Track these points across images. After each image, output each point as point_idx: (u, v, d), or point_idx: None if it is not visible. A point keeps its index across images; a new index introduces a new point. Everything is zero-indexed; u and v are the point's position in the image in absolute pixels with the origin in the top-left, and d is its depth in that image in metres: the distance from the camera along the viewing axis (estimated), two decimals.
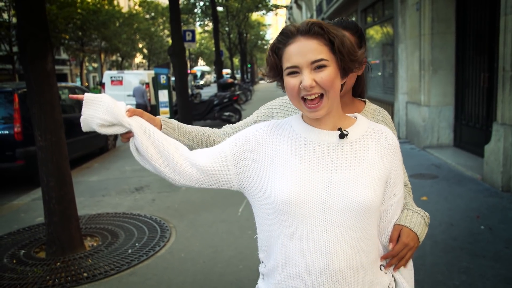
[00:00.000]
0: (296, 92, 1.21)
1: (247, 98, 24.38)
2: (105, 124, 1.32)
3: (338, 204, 1.19)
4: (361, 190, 1.20)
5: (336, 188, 1.20)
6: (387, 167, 1.28)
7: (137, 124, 1.34)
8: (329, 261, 1.18)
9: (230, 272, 3.76)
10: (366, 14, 13.74)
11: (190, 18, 28.63)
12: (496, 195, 5.33)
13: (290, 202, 1.20)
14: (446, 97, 8.06)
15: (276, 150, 1.29)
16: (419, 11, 8.19)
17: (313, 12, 27.78)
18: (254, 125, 1.38)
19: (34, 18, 3.93)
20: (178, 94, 11.42)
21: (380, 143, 1.29)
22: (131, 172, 7.80)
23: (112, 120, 1.31)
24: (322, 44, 1.19)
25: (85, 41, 29.84)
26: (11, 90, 7.21)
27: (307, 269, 1.20)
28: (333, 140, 1.26)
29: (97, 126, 1.32)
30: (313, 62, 1.18)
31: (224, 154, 1.33)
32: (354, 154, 1.25)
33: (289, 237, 1.22)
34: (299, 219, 1.20)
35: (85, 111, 1.33)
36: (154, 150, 1.32)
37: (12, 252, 4.36)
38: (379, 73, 12.53)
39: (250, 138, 1.33)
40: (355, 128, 1.29)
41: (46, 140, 4.05)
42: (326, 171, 1.22)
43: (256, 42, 50.75)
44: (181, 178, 1.33)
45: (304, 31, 1.20)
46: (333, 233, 1.19)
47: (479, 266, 3.59)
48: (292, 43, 1.21)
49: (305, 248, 1.20)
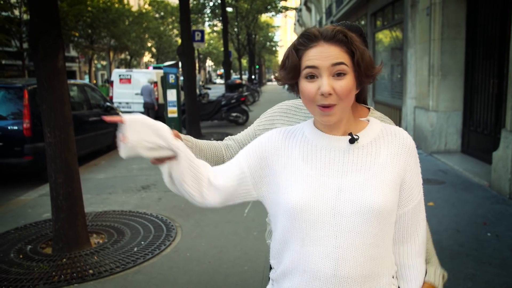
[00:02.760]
0: (312, 97, 1.18)
1: (255, 99, 24.41)
2: (154, 147, 1.21)
3: (348, 209, 1.18)
4: (370, 194, 1.18)
5: (346, 193, 1.19)
6: (401, 168, 1.25)
7: (184, 149, 1.26)
8: (337, 267, 1.17)
9: (235, 273, 3.76)
10: (375, 18, 13.71)
11: (199, 18, 28.71)
12: (503, 202, 5.30)
13: (300, 208, 1.20)
14: (455, 102, 8.02)
15: (288, 156, 1.28)
16: (429, 16, 8.16)
17: (323, 14, 27.77)
18: (267, 133, 1.37)
19: (47, 16, 3.96)
20: (186, 93, 11.47)
21: (393, 144, 1.27)
22: (138, 171, 7.84)
23: (162, 143, 1.21)
24: (343, 52, 1.18)
25: (94, 39, 30.00)
26: (21, 86, 7.27)
27: (315, 275, 1.19)
28: (343, 146, 1.24)
29: (145, 150, 1.20)
30: (333, 65, 1.16)
31: (240, 166, 1.32)
32: (365, 158, 1.24)
33: (300, 242, 1.22)
34: (309, 225, 1.20)
35: (131, 135, 1.18)
36: (190, 174, 1.27)
37: (19, 247, 4.39)
38: (388, 77, 12.50)
39: (263, 146, 1.33)
40: (366, 131, 1.28)
41: (55, 137, 4.08)
42: (336, 177, 1.22)
43: (264, 44, 50.82)
44: (206, 201, 1.31)
45: (328, 37, 1.18)
46: (343, 239, 1.17)
47: (485, 273, 3.57)
48: (314, 47, 1.18)
49: (315, 254, 1.19)
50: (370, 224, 1.18)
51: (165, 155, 1.24)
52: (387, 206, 1.20)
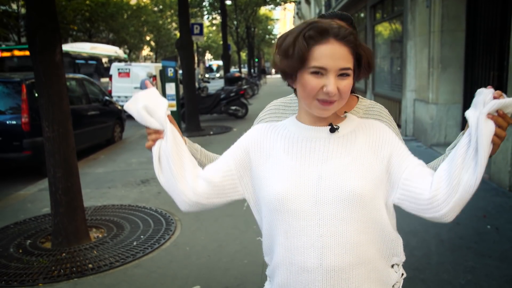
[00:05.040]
0: (314, 92, 1.19)
1: (254, 92, 24.36)
2: (146, 109, 1.28)
3: (329, 196, 1.18)
4: (350, 178, 1.19)
5: (327, 180, 1.20)
6: (383, 156, 1.25)
7: (171, 128, 1.29)
8: (323, 256, 1.17)
9: (234, 266, 3.76)
10: (375, 10, 13.64)
11: (198, 12, 28.60)
12: (503, 195, 5.30)
13: (282, 198, 1.20)
14: (455, 95, 8.00)
15: (270, 148, 1.31)
16: (429, 8, 8.12)
17: (322, 7, 27.64)
18: (251, 129, 1.41)
19: (44, 9, 3.93)
20: (185, 87, 11.45)
21: (370, 132, 1.29)
22: (137, 165, 7.83)
23: (154, 108, 1.28)
24: (350, 53, 1.20)
25: (93, 33, 29.86)
26: (19, 80, 7.24)
27: (302, 266, 1.19)
28: (324, 135, 1.27)
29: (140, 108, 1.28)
30: (341, 69, 1.18)
31: (226, 160, 1.34)
32: (345, 146, 1.25)
33: (284, 235, 1.22)
34: (292, 216, 1.20)
35: (140, 92, 1.32)
36: (178, 160, 1.28)
37: (18, 242, 4.39)
38: (388, 69, 12.47)
39: (246, 141, 1.35)
40: (345, 123, 1.30)
41: (54, 131, 4.07)
42: (316, 165, 1.23)
43: (263, 37, 50.67)
44: (192, 194, 1.29)
45: (340, 37, 1.18)
46: (326, 227, 1.17)
47: (485, 266, 3.57)
48: (324, 43, 1.17)
49: (299, 245, 1.19)
50: (352, 210, 1.18)
51: (152, 124, 1.28)
52: (367, 190, 1.19)
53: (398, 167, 1.24)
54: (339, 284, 1.18)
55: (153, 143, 1.29)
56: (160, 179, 1.31)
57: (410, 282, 3.12)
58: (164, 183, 1.30)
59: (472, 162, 1.12)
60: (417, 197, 1.20)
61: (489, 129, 1.10)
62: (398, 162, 1.24)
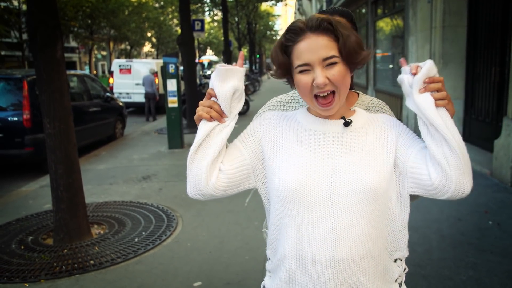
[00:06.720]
0: (308, 89, 1.20)
1: (255, 88, 24.32)
2: (237, 90, 1.26)
3: (344, 189, 1.18)
4: (365, 173, 1.20)
5: (341, 173, 1.20)
6: (391, 149, 1.25)
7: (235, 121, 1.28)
8: (335, 248, 1.16)
9: (236, 262, 3.77)
10: (376, 5, 13.60)
11: (199, 8, 28.53)
12: (505, 191, 5.29)
13: (295, 189, 1.20)
14: (456, 91, 7.98)
15: (283, 138, 1.30)
16: (431, 3, 8.09)
17: (323, 3, 27.55)
18: (262, 117, 1.38)
19: (45, 6, 3.92)
20: (186, 83, 11.42)
21: (379, 126, 1.29)
22: (138, 161, 7.83)
23: (239, 96, 1.27)
24: (331, 40, 1.19)
25: (94, 29, 29.83)
26: (21, 77, 7.24)
27: (313, 259, 1.18)
28: (337, 129, 1.27)
29: (231, 87, 1.25)
30: (324, 59, 1.18)
31: (240, 152, 1.31)
32: (358, 140, 1.26)
33: (295, 227, 1.21)
34: (305, 207, 1.19)
35: (240, 69, 1.27)
36: (221, 150, 1.26)
37: (20, 238, 4.40)
38: (390, 66, 12.44)
39: (258, 130, 1.34)
40: (356, 117, 1.31)
41: (55, 127, 4.07)
42: (331, 158, 1.23)
43: (265, 33, 50.51)
44: (212, 188, 1.25)
45: (313, 27, 1.19)
46: (340, 220, 1.17)
47: (487, 262, 3.57)
48: (301, 40, 1.19)
49: (311, 237, 1.18)
50: (366, 203, 1.19)
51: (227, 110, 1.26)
52: (381, 184, 1.20)
53: (404, 156, 1.24)
54: (350, 277, 1.18)
55: (208, 117, 1.25)
56: (190, 156, 1.25)
57: (412, 278, 3.12)
58: (192, 161, 1.25)
59: (438, 134, 1.15)
60: (425, 184, 1.20)
61: (426, 101, 1.15)
62: (403, 151, 1.25)
